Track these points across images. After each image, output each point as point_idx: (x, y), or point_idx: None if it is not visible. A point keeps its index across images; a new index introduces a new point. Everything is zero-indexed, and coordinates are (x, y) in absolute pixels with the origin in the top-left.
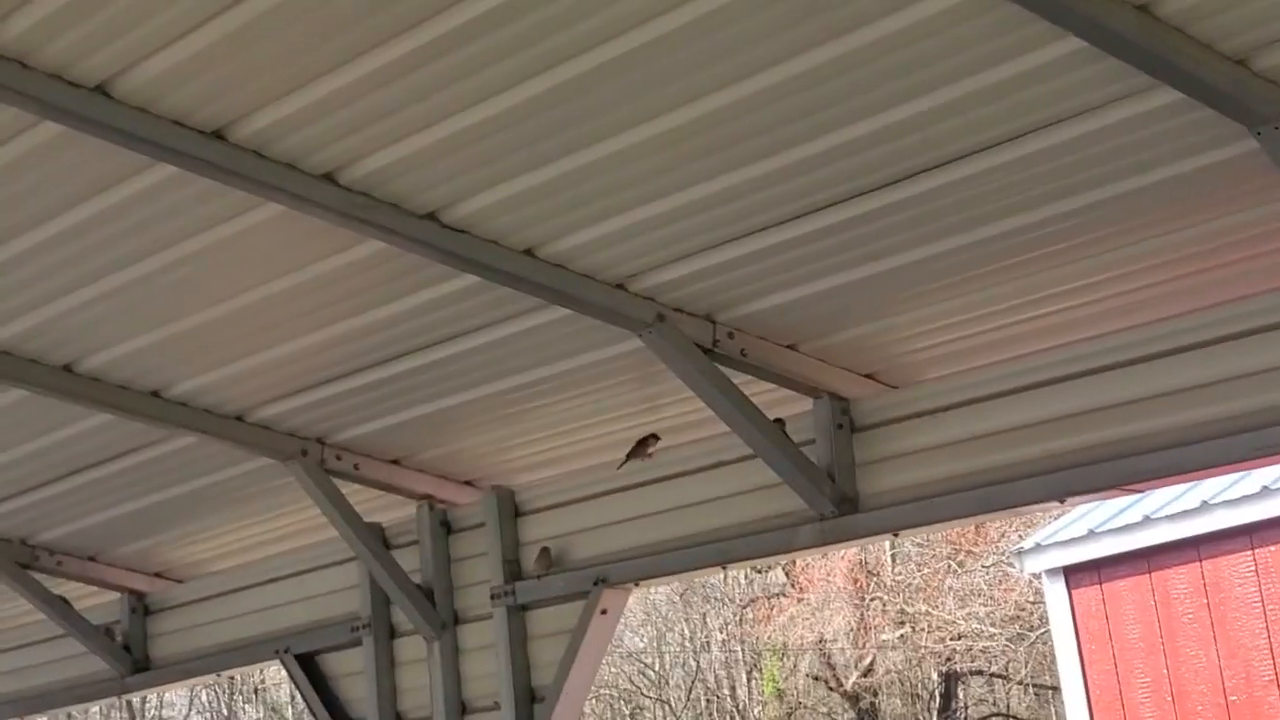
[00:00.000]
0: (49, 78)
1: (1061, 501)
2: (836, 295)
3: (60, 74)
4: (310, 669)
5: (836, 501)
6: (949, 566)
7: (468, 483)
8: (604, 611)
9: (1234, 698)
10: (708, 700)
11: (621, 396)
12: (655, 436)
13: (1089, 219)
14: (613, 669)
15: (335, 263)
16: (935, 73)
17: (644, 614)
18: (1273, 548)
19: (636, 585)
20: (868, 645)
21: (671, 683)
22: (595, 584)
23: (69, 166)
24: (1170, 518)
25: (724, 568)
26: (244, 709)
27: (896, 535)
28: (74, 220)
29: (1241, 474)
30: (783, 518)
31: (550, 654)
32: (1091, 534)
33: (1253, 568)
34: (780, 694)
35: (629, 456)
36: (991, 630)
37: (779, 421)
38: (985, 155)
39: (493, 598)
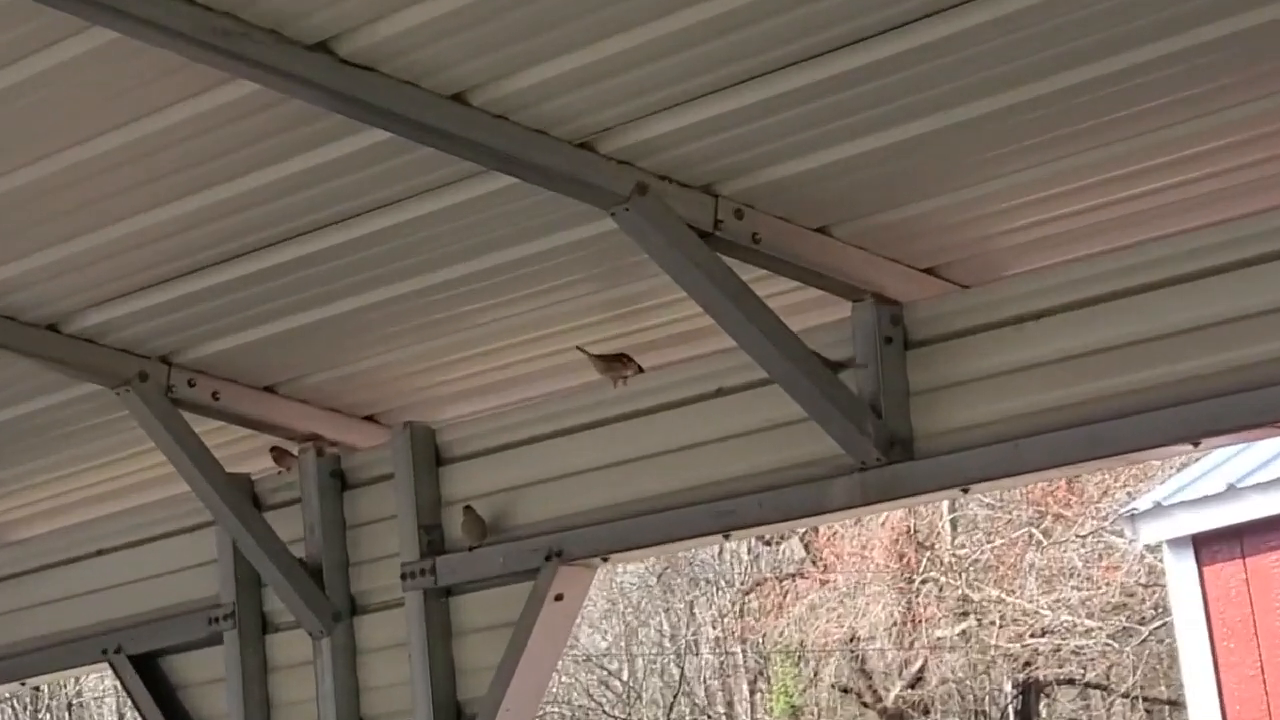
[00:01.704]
0: None
1: (1195, 444)
2: (884, 158)
3: None
4: (150, 675)
5: (883, 445)
6: (1030, 537)
7: (369, 418)
8: (559, 597)
9: None
10: None
11: (584, 299)
12: (633, 362)
13: (1222, 55)
14: (565, 678)
15: (188, 111)
16: None
17: (608, 602)
18: None
19: (604, 561)
20: (917, 645)
21: (645, 697)
22: (547, 559)
23: None
24: None
25: (726, 537)
26: None
27: (965, 492)
28: None
29: None
30: (807, 468)
31: (484, 655)
32: (1232, 490)
33: None
34: (796, 712)
35: (594, 360)
36: (1087, 624)
37: (804, 333)
38: None
39: (404, 578)
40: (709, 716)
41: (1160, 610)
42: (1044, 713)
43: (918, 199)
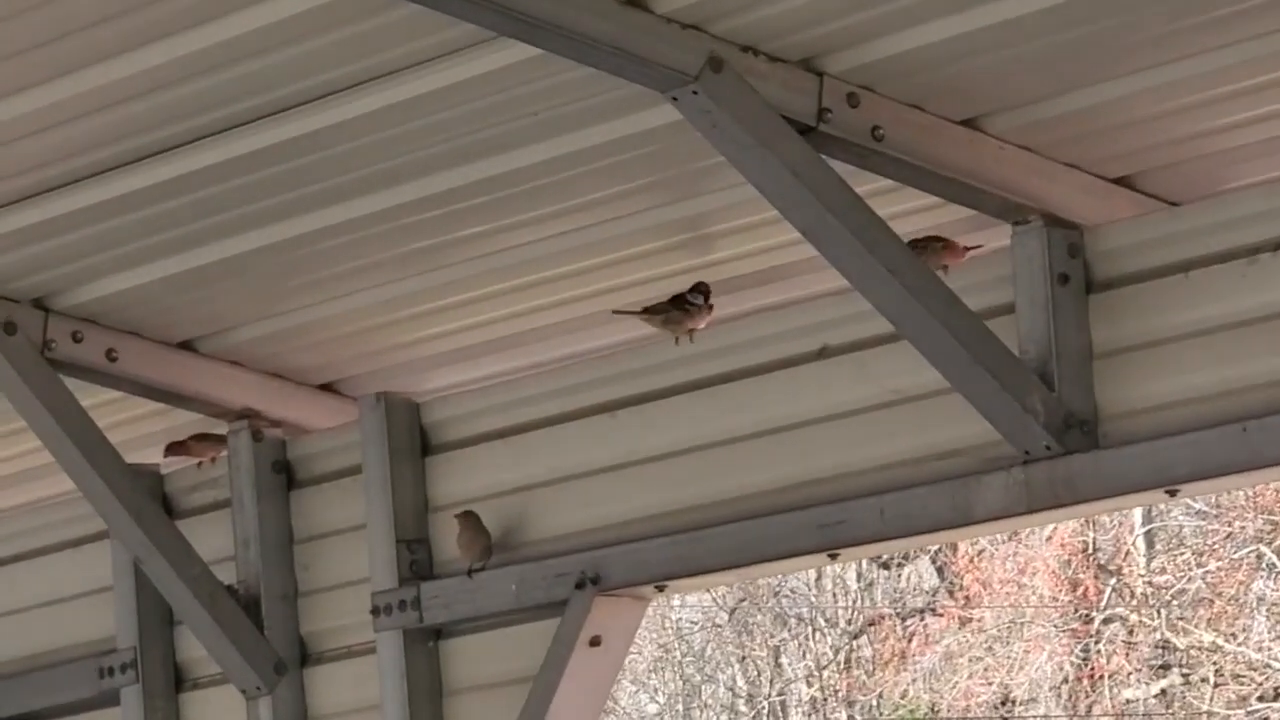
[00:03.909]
0: None
1: None
2: (1058, 23)
3: None
4: None
5: (1056, 428)
6: (1259, 558)
7: (326, 387)
8: (595, 641)
9: None
10: None
11: (632, 220)
12: (701, 294)
13: None
14: None
15: None
16: None
17: (659, 648)
18: None
19: (658, 591)
20: (1096, 710)
21: None
22: (579, 587)
23: None
24: None
25: (831, 558)
26: None
27: (1172, 495)
28: None
29: None
30: (947, 459)
31: None
32: None
33: None
34: None
35: (645, 313)
36: None
37: (944, 268)
38: None
39: (377, 613)
40: None
41: None
42: None
43: (1105, 79)
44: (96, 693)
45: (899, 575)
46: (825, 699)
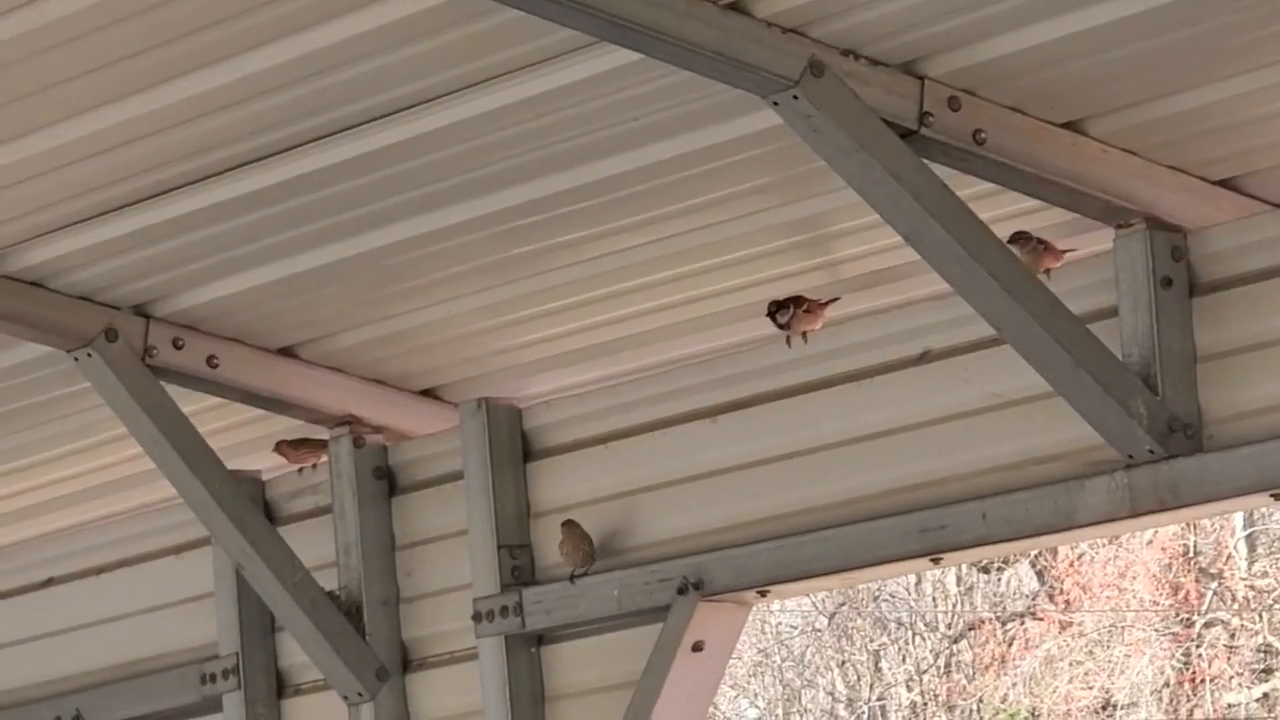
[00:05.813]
0: None
1: None
2: (1162, 24)
3: None
4: None
5: (1159, 432)
6: None
7: (427, 393)
8: (697, 647)
9: None
10: None
11: (730, 227)
12: (799, 305)
13: None
14: None
15: None
16: None
17: (758, 653)
18: None
19: (760, 596)
20: (1198, 714)
21: None
22: (681, 593)
23: None
24: None
25: (934, 562)
26: None
27: (1277, 498)
28: None
29: None
30: (1050, 463)
31: None
32: None
33: None
34: None
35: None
36: None
37: (1046, 271)
38: None
39: (478, 619)
40: None
41: None
42: None
43: (1208, 82)
44: (198, 699)
45: (999, 579)
46: (925, 703)
